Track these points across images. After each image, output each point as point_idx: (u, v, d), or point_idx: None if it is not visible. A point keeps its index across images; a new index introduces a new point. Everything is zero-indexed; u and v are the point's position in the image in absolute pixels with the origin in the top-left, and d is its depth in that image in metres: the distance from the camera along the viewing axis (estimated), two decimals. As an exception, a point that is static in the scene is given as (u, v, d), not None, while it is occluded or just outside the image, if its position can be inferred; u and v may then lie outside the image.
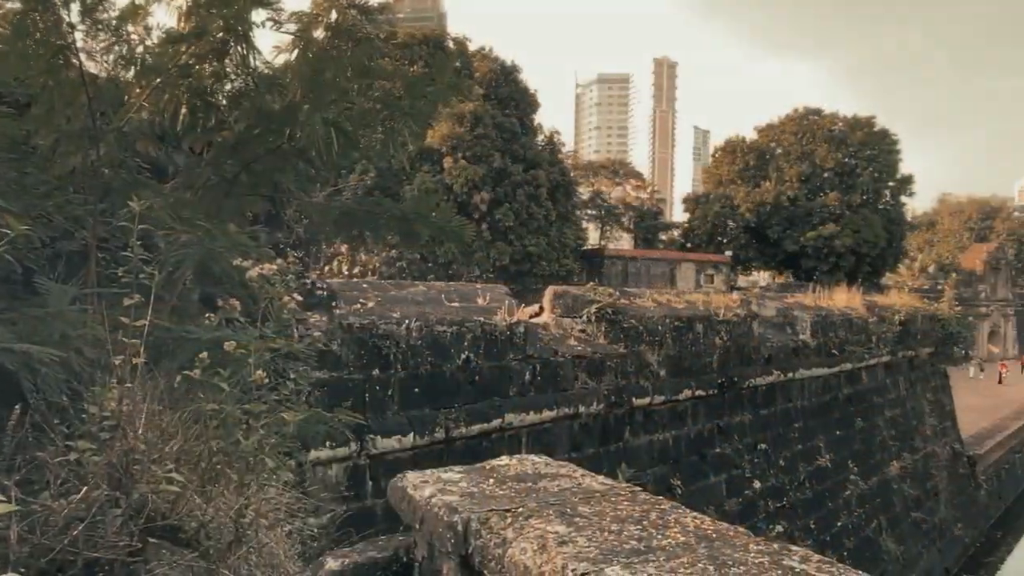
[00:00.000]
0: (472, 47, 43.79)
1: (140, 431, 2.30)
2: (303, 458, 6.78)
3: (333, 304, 7.65)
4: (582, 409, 10.47)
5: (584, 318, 11.48)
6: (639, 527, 1.91)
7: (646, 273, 54.87)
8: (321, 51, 4.18)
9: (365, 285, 8.97)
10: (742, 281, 67.77)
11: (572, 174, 52.08)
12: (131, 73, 4.26)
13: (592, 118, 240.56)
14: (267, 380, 2.56)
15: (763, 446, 14.58)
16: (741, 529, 1.93)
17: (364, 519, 7.45)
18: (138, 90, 4.18)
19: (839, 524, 16.29)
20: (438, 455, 8.23)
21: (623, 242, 71.66)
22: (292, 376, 2.74)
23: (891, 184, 59.06)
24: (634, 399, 11.52)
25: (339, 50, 4.24)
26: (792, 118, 60.37)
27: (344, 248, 37.05)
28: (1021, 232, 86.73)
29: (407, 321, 7.94)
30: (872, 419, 19.19)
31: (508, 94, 41.33)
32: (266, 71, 4.41)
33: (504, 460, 2.59)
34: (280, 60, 4.53)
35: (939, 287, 47.77)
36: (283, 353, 2.80)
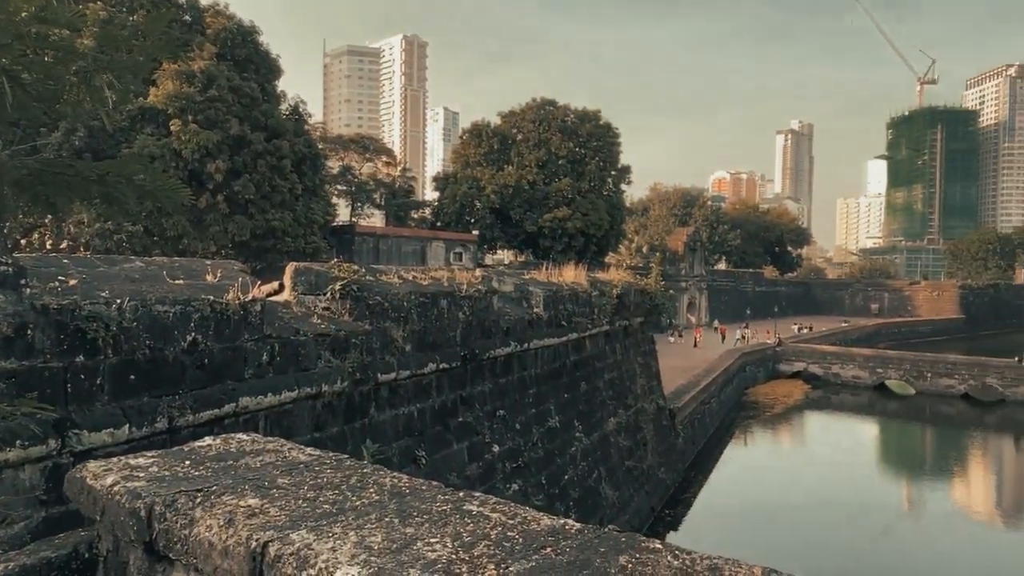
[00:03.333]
0: (204, 1, 39.97)
1: None
2: (-18, 462, 5.81)
3: (23, 282, 6.58)
4: (325, 388, 10.28)
5: (328, 295, 11.24)
6: (336, 492, 1.97)
7: (397, 251, 55.24)
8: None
9: (67, 261, 7.83)
10: (489, 259, 71.27)
11: (320, 147, 50.29)
12: None
13: (342, 90, 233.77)
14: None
15: (502, 412, 15.59)
16: (435, 484, 2.09)
17: (70, 524, 6.60)
18: None
19: (566, 477, 18.08)
20: (160, 447, 7.53)
21: (375, 219, 71.19)
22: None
23: (613, 173, 66.11)
24: (380, 375, 11.59)
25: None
26: (531, 107, 64.50)
27: (48, 218, 31.94)
28: (713, 218, 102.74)
29: (119, 301, 7.12)
30: (594, 382, 21.50)
31: (246, 56, 38.46)
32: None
33: (206, 441, 2.47)
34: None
35: (649, 265, 54.80)
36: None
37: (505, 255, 77.19)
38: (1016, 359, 50.01)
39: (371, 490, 1.98)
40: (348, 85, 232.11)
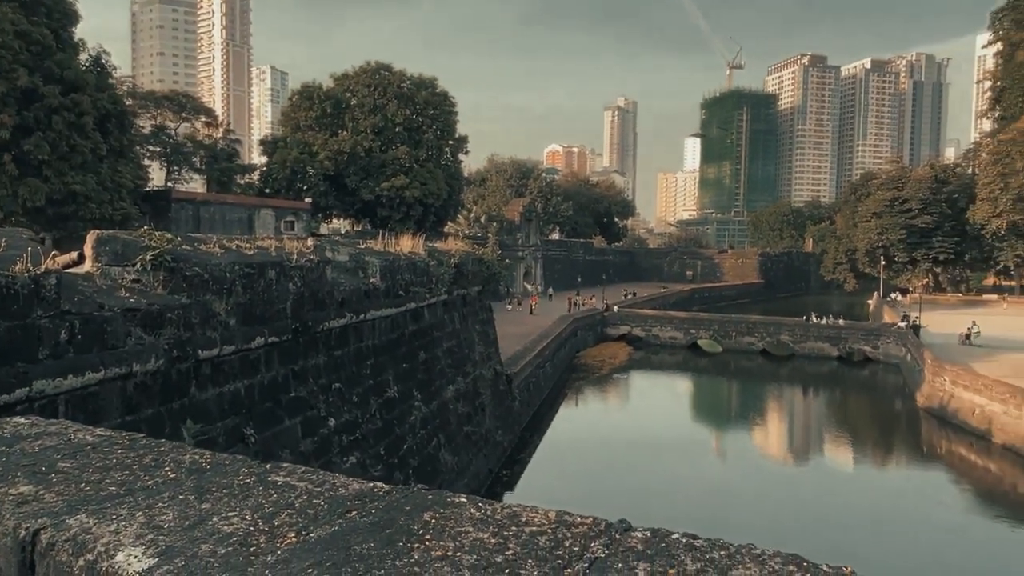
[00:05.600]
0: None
1: None
2: None
3: None
4: (137, 367, 9.50)
5: (138, 266, 10.33)
6: (126, 473, 1.86)
7: (221, 219, 51.77)
8: None
9: None
10: (324, 229, 68.75)
11: (128, 103, 45.59)
12: None
13: (154, 43, 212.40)
14: None
15: (337, 385, 15.28)
16: (241, 457, 2.03)
17: None
18: None
19: (406, 447, 18.15)
20: (-67, 441, 6.61)
21: (195, 184, 65.94)
22: None
23: (451, 143, 66.02)
24: (200, 351, 10.90)
25: None
26: (366, 70, 62.48)
27: None
28: (547, 190, 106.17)
29: None
30: (433, 351, 21.65)
31: (34, -3, 33.73)
32: None
33: (-26, 428, 2.22)
34: None
35: (487, 235, 55.74)
36: None
37: (342, 224, 74.82)
38: (804, 318, 56.92)
39: (167, 468, 1.88)
40: (160, 37, 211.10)
